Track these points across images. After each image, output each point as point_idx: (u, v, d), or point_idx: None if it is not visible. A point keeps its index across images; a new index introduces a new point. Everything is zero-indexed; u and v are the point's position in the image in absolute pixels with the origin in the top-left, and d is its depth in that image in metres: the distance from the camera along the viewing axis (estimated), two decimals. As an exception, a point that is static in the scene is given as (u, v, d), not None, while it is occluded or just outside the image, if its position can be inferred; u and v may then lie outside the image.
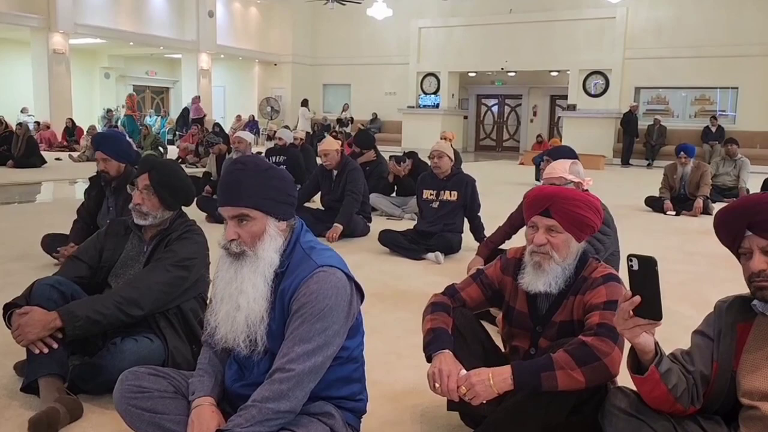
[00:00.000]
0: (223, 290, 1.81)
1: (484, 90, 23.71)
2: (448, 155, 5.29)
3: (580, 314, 1.99)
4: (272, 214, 1.78)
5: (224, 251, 1.80)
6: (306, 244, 1.84)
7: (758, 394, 1.65)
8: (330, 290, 1.74)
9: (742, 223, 1.64)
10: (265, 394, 1.69)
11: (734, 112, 17.08)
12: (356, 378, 1.94)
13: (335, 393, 1.87)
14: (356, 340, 1.91)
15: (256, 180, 1.76)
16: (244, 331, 1.77)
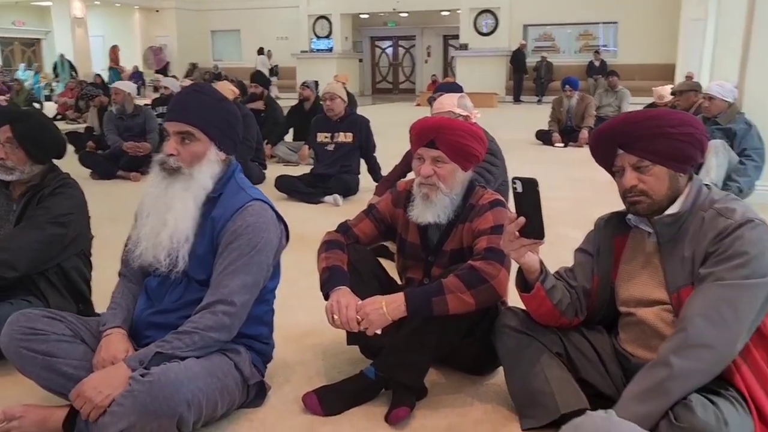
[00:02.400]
0: (151, 205, 1.81)
1: (378, 32, 23.48)
2: (341, 96, 5.22)
3: (470, 241, 2.03)
4: (216, 141, 1.81)
5: (158, 167, 1.79)
6: (239, 180, 1.87)
7: (634, 301, 1.75)
8: (265, 224, 1.79)
9: (613, 143, 1.70)
10: (208, 323, 1.71)
11: (615, 46, 17.86)
12: (267, 321, 1.98)
13: (246, 330, 1.87)
14: (274, 282, 1.95)
15: (209, 106, 1.80)
16: (167, 248, 1.77)
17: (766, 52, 4.76)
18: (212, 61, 22.02)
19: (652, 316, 1.70)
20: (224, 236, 1.76)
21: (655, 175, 1.64)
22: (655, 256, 1.71)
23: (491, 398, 2.03)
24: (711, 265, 1.56)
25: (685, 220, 1.65)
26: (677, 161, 1.64)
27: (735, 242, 1.53)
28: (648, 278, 1.72)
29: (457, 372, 2.17)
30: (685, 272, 1.62)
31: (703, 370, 1.51)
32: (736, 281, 1.51)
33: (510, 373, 1.90)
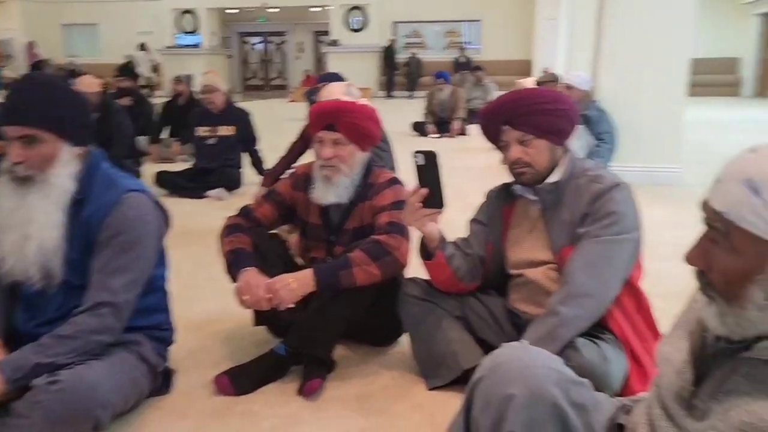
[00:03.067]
0: (7, 219, 1.62)
1: (247, 28, 23.06)
2: (220, 89, 5.13)
3: (370, 218, 2.13)
4: (66, 137, 1.63)
5: (7, 177, 1.61)
6: (107, 170, 1.73)
7: (522, 263, 1.93)
8: (145, 216, 1.69)
9: (499, 120, 1.87)
10: (91, 326, 1.61)
11: (479, 43, 18.79)
12: (162, 308, 1.92)
13: (143, 323, 1.82)
14: (161, 270, 1.88)
15: (49, 99, 1.59)
16: (37, 262, 1.62)
17: (614, 47, 5.27)
18: (65, 57, 20.57)
19: (539, 275, 1.89)
20: (102, 233, 1.65)
21: (537, 147, 1.83)
22: (539, 221, 1.90)
23: (397, 365, 2.14)
24: (587, 224, 1.76)
25: (563, 187, 1.85)
26: (554, 134, 1.84)
27: (606, 203, 1.75)
28: (534, 241, 1.91)
29: (363, 345, 2.26)
30: (565, 233, 1.82)
31: (586, 316, 1.71)
32: (608, 237, 1.73)
33: (414, 339, 2.02)
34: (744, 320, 0.86)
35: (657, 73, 5.20)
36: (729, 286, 0.87)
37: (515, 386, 1.01)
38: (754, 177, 0.82)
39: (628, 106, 5.21)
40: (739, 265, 0.85)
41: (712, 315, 0.90)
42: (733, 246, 0.85)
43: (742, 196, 0.83)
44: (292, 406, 1.89)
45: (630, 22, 5.18)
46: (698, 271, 0.92)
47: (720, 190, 0.86)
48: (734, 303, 0.86)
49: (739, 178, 0.84)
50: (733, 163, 0.86)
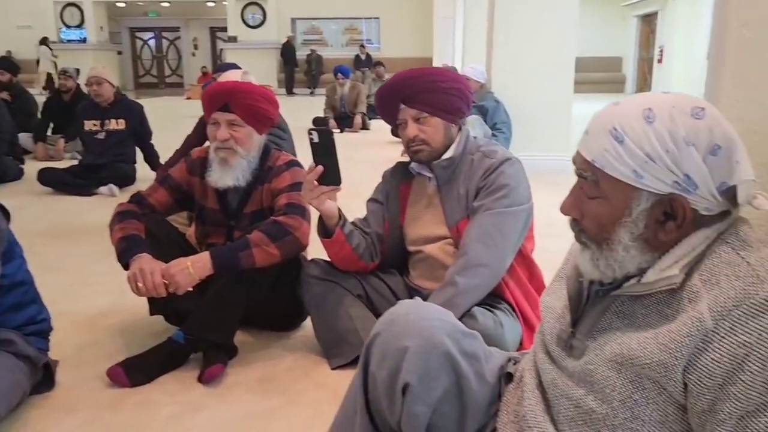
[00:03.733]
0: None
1: (138, 23, 22.12)
2: (108, 81, 4.89)
3: (269, 201, 2.10)
4: None
5: None
6: None
7: (421, 239, 1.97)
8: None
9: (396, 98, 1.89)
10: None
11: (379, 41, 18.98)
12: (29, 300, 1.78)
13: (13, 322, 1.71)
14: (15, 264, 1.73)
15: None
16: None
17: (505, 44, 5.52)
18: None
19: (436, 250, 1.93)
20: None
21: (433, 125, 1.87)
22: (435, 197, 1.94)
23: (300, 348, 2.12)
24: (481, 198, 1.83)
25: (458, 163, 1.90)
26: (449, 113, 1.88)
27: (498, 177, 1.82)
28: (431, 217, 1.95)
29: (265, 330, 2.23)
30: (461, 208, 1.87)
31: (482, 284, 1.77)
32: (501, 209, 1.79)
33: (316, 319, 2.01)
34: (613, 261, 0.92)
35: (546, 68, 5.47)
36: (600, 231, 0.93)
37: (409, 338, 1.03)
38: (617, 126, 0.88)
39: (520, 98, 5.44)
40: (608, 210, 0.91)
41: (586, 260, 0.96)
42: (602, 192, 0.91)
43: (608, 145, 0.88)
44: (192, 393, 1.83)
45: (519, 20, 5.44)
46: (572, 220, 0.97)
47: (588, 141, 0.92)
48: (605, 246, 0.92)
49: (604, 128, 0.89)
50: (599, 115, 0.92)
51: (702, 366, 0.81)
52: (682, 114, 0.86)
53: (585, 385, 0.94)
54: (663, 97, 0.89)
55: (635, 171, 0.87)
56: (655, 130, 0.86)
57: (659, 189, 0.87)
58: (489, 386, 1.09)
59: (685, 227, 0.88)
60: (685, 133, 0.85)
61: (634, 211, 0.89)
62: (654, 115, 0.87)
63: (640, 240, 0.90)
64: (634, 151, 0.86)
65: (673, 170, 0.85)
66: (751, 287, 0.79)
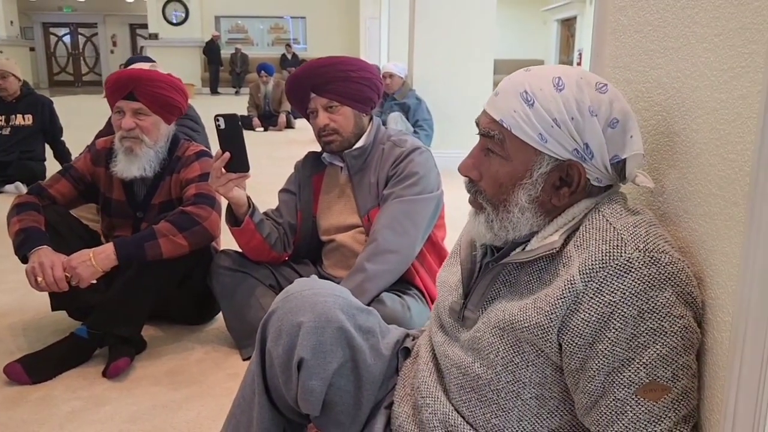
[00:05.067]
0: None
1: (52, 18, 21.13)
2: (14, 74, 4.66)
3: (178, 191, 2.06)
4: None
5: None
6: None
7: (333, 228, 1.98)
8: None
9: (306, 87, 1.89)
10: None
11: (305, 41, 18.86)
12: None
13: None
14: None
15: None
16: None
17: (425, 41, 5.64)
18: None
19: (348, 239, 1.95)
20: None
21: (343, 114, 1.88)
22: (347, 186, 1.96)
23: (211, 340, 2.10)
24: (391, 186, 1.86)
25: (369, 152, 1.92)
26: (360, 102, 1.90)
27: (408, 165, 1.85)
28: (343, 207, 1.96)
29: (176, 324, 2.19)
30: (372, 196, 1.89)
31: (390, 270, 1.79)
32: (410, 197, 1.83)
33: (227, 310, 1.99)
34: (508, 222, 0.95)
35: (465, 68, 5.62)
36: (498, 192, 0.95)
37: (304, 314, 1.04)
38: (528, 90, 0.91)
39: (441, 96, 5.55)
40: (509, 170, 0.94)
41: (480, 224, 0.98)
42: (506, 153, 0.94)
43: (518, 106, 0.91)
44: (96, 387, 1.78)
45: (437, 19, 5.56)
46: (469, 181, 1.00)
47: (497, 102, 0.94)
48: (501, 208, 0.95)
49: (515, 90, 0.92)
50: (510, 79, 0.95)
51: (573, 326, 0.86)
52: (589, 86, 0.91)
53: (473, 353, 0.98)
54: (571, 69, 0.94)
55: (541, 134, 0.90)
56: (563, 97, 0.90)
57: (560, 154, 0.91)
58: (385, 360, 1.11)
59: (576, 194, 0.93)
60: (590, 103, 0.90)
61: (535, 173, 0.92)
62: (564, 83, 0.91)
63: (535, 203, 0.93)
64: (542, 115, 0.90)
65: (575, 138, 0.90)
66: (615, 249, 0.85)
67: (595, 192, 0.94)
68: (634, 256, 0.83)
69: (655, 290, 0.82)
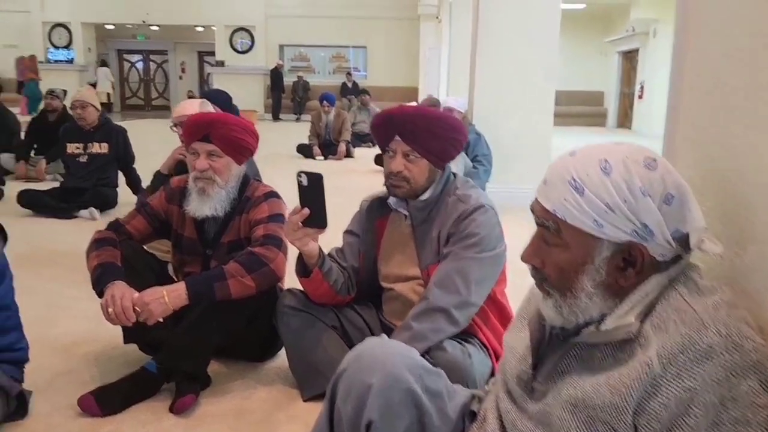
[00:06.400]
0: None
1: (126, 45, 22.19)
2: (93, 105, 4.92)
3: (247, 231, 2.12)
4: None
5: None
6: None
7: (392, 277, 1.99)
8: None
9: (394, 129, 1.88)
10: None
11: (365, 69, 19.17)
12: (11, 326, 1.77)
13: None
14: (4, 287, 1.72)
15: None
16: None
17: (486, 76, 5.64)
18: None
19: (408, 290, 1.94)
20: None
21: (419, 166, 1.87)
22: (410, 236, 1.95)
23: (274, 380, 2.13)
24: (451, 244, 1.83)
25: (434, 204, 1.91)
26: (440, 158, 1.89)
27: (469, 224, 1.82)
28: (405, 256, 1.96)
29: (240, 361, 2.23)
30: (433, 251, 1.88)
31: (438, 329, 1.75)
32: (468, 256, 1.80)
33: (291, 350, 2.02)
34: (576, 308, 0.95)
35: (526, 102, 5.57)
36: (562, 279, 0.96)
37: (374, 375, 1.05)
38: (576, 177, 0.91)
39: (500, 130, 5.53)
40: (569, 258, 0.94)
41: (549, 307, 0.98)
42: (564, 242, 0.94)
43: (568, 195, 0.92)
44: (163, 423, 1.83)
45: (500, 53, 5.55)
46: (533, 268, 1.00)
47: (547, 191, 0.95)
48: (568, 294, 0.95)
49: (563, 178, 0.93)
50: (556, 165, 0.96)
51: (651, 410, 0.84)
52: (636, 164, 0.90)
53: (543, 427, 0.97)
54: (616, 148, 0.93)
55: (595, 221, 0.90)
56: (612, 181, 0.90)
57: (619, 238, 0.91)
58: (451, 423, 1.12)
59: (643, 273, 0.92)
60: (640, 183, 0.89)
61: (596, 259, 0.92)
62: (610, 166, 0.90)
63: (601, 287, 0.93)
64: (593, 201, 0.90)
65: (632, 219, 0.89)
66: (696, 334, 0.83)
67: (662, 266, 0.93)
68: (716, 341, 0.82)
69: (738, 378, 0.80)
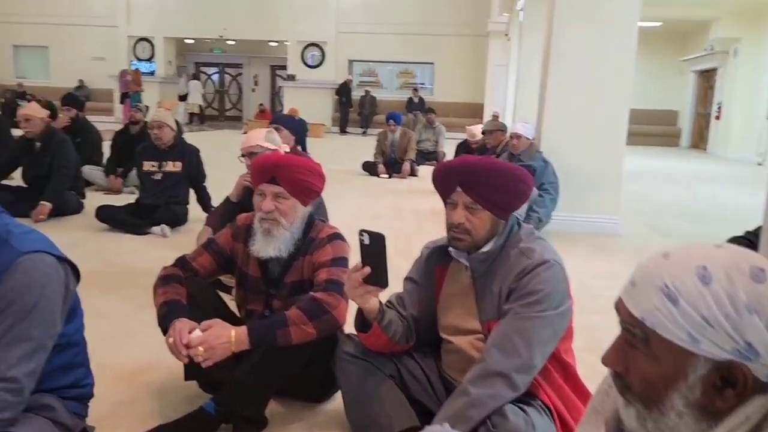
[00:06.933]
0: None
1: (204, 58, 23.02)
2: (169, 125, 5.10)
3: (310, 273, 2.13)
4: None
5: None
6: (2, 228, 1.56)
7: (451, 329, 1.93)
8: (41, 279, 1.53)
9: (456, 180, 1.84)
10: None
11: (432, 85, 19.19)
12: (79, 363, 1.78)
13: (56, 383, 1.70)
14: (75, 324, 1.74)
15: None
16: None
17: (558, 97, 5.48)
18: (15, 78, 20.13)
19: (467, 344, 1.88)
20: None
21: (482, 218, 1.81)
22: (470, 288, 1.89)
23: (330, 424, 2.12)
24: (512, 301, 1.75)
25: (496, 257, 1.84)
26: (504, 210, 1.83)
27: (532, 280, 1.73)
28: (464, 309, 1.89)
29: (297, 401, 2.23)
30: (494, 306, 1.80)
31: (497, 395, 1.67)
32: (530, 315, 1.71)
33: (348, 398, 1.99)
34: (664, 426, 0.85)
35: (598, 124, 5.40)
36: (648, 392, 0.86)
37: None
38: (670, 284, 0.82)
39: (570, 155, 5.37)
40: (658, 371, 0.84)
41: (632, 418, 0.89)
42: (652, 353, 0.84)
43: (660, 303, 0.82)
44: (220, 466, 1.85)
45: (573, 72, 5.38)
46: (615, 373, 0.90)
47: (636, 295, 0.85)
48: (654, 408, 0.85)
49: (655, 284, 0.83)
50: (648, 267, 0.86)
51: None
52: (741, 275, 0.80)
53: None
54: (718, 253, 0.83)
55: (691, 335, 0.80)
56: (712, 293, 0.79)
57: (717, 355, 0.81)
58: None
59: (744, 394, 0.82)
60: (746, 298, 0.79)
61: (690, 376, 0.82)
62: (710, 275, 0.80)
63: (694, 406, 0.83)
64: (689, 313, 0.80)
65: (734, 337, 0.79)
66: None
67: (766, 387, 0.82)
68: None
69: None
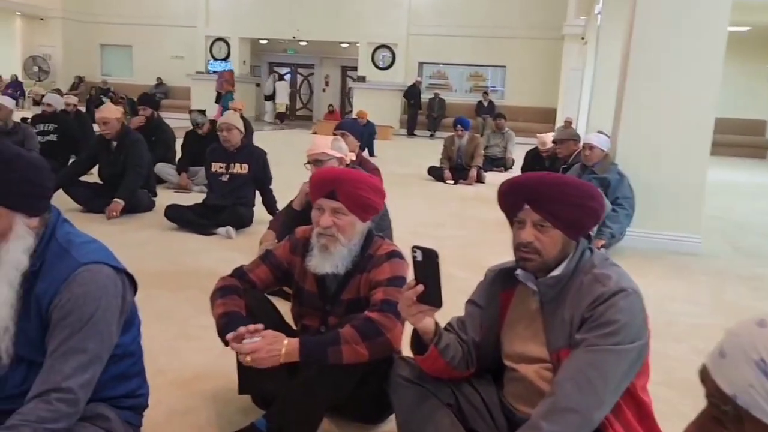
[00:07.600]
0: None
1: (277, 58, 23.44)
2: (237, 128, 5.16)
3: (367, 291, 2.06)
4: (19, 209, 1.51)
5: None
6: (63, 237, 1.59)
7: (516, 356, 1.83)
8: (98, 291, 1.54)
9: (523, 197, 1.74)
10: (41, 414, 1.45)
11: (503, 88, 18.88)
12: (134, 373, 1.79)
13: (111, 393, 1.71)
14: (131, 334, 1.75)
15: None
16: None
17: (637, 105, 5.20)
18: (100, 75, 21.09)
19: (532, 373, 1.77)
20: (53, 312, 1.52)
21: (552, 237, 1.70)
22: (538, 314, 1.78)
23: (383, 447, 2.06)
24: (585, 331, 1.63)
25: (566, 282, 1.73)
26: (575, 230, 1.72)
27: (608, 310, 1.60)
28: (530, 335, 1.79)
29: (350, 421, 2.18)
30: (564, 334, 1.69)
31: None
32: (605, 347, 1.58)
33: (402, 423, 1.92)
34: None
35: (680, 135, 5.10)
36: None
37: None
38: (765, 358, 0.73)
39: (647, 168, 5.11)
40: None
41: None
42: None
43: (755, 380, 0.73)
44: (268, 487, 1.81)
45: (654, 79, 5.10)
46: None
47: (726, 368, 0.76)
48: None
49: (748, 357, 0.74)
50: (740, 337, 0.77)
51: None
52: None
53: None
54: None
55: None
56: None
57: None
58: None
59: None
60: None
61: None
62: None
63: None
64: None
65: None
66: None
67: None
68: None
69: None
